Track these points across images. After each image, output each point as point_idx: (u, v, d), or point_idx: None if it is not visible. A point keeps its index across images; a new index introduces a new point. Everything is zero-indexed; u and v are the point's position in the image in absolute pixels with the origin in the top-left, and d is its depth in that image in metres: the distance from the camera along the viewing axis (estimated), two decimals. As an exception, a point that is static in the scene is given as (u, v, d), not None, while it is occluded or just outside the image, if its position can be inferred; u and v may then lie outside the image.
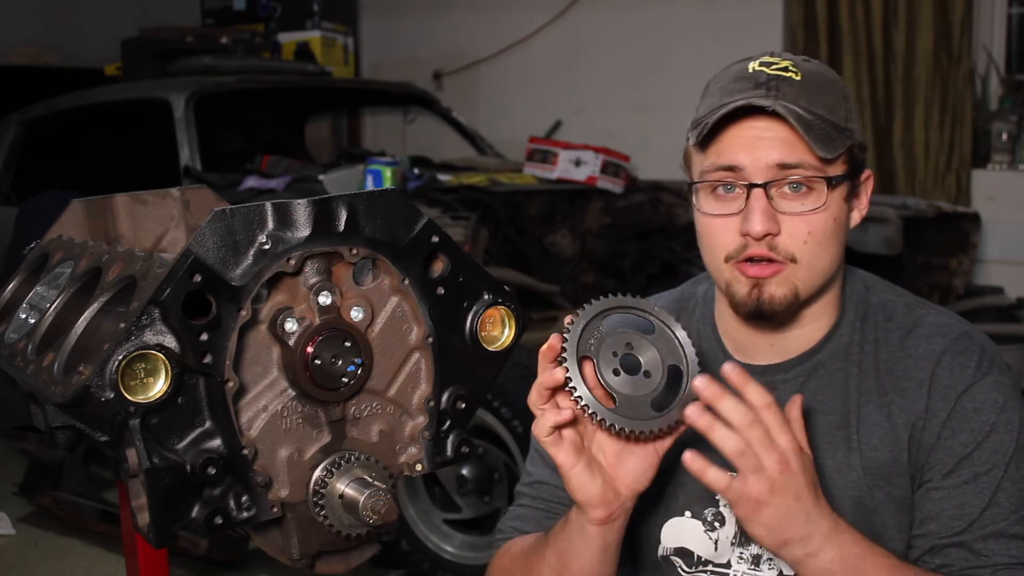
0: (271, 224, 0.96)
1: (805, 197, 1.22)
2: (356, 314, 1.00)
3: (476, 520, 3.05)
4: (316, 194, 2.00)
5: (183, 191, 1.34)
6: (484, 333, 1.08)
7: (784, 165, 1.20)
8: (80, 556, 3.37)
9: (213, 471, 0.92)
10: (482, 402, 1.12)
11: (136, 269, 1.02)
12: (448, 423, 1.07)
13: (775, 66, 1.23)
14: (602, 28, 5.50)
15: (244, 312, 0.94)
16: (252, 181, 3.53)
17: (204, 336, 0.92)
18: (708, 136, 1.23)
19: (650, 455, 1.15)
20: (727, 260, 1.25)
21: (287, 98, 4.74)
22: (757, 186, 1.21)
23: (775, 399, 1.26)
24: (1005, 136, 4.57)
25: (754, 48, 1.37)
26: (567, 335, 1.08)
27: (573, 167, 3.73)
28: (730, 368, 1.08)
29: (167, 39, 4.56)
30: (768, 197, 1.21)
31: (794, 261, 1.23)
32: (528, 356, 2.72)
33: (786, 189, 1.22)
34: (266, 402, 0.97)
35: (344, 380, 0.99)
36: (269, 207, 0.96)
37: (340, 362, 0.98)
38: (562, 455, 1.13)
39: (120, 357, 0.88)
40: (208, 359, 0.92)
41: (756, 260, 1.23)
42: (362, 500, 0.95)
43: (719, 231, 1.25)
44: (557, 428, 1.12)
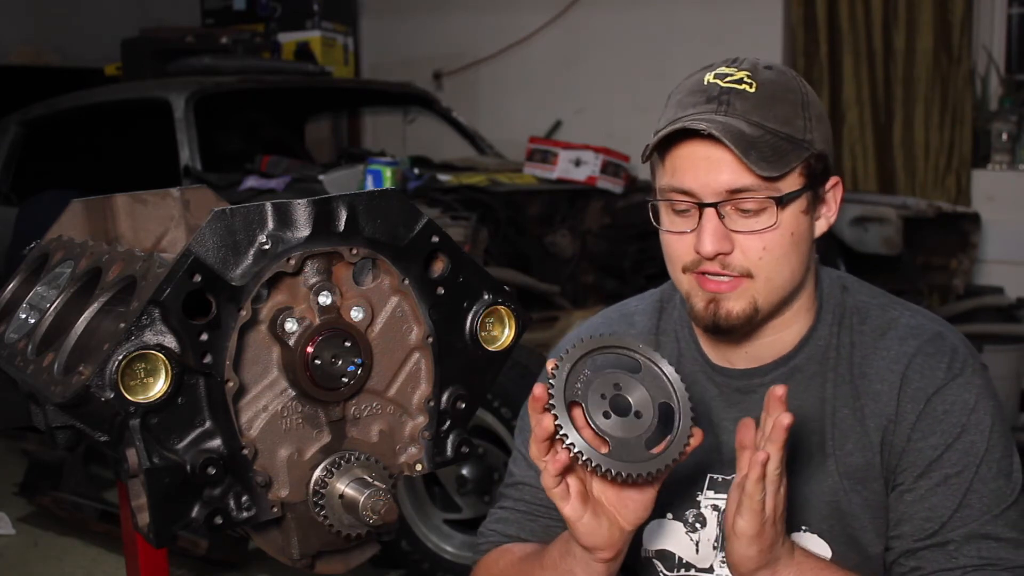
0: (271, 224, 0.96)
1: (757, 216, 1.22)
2: (356, 314, 1.00)
3: (476, 520, 3.05)
4: (316, 194, 2.00)
5: (183, 191, 1.33)
6: (484, 333, 1.08)
7: (733, 190, 1.20)
8: (80, 556, 3.37)
9: (213, 471, 0.92)
10: (482, 402, 1.12)
11: (136, 269, 1.02)
12: (448, 423, 1.07)
13: (730, 78, 1.23)
14: (602, 28, 5.50)
15: (244, 312, 0.94)
16: (252, 181, 3.52)
17: (204, 336, 0.92)
18: (660, 153, 1.25)
19: (650, 489, 1.14)
20: (685, 271, 1.26)
21: (287, 98, 4.74)
22: (708, 205, 1.21)
23: (751, 403, 1.29)
24: (1005, 136, 4.57)
25: (754, 48, 1.37)
26: (552, 382, 1.06)
27: (573, 167, 3.73)
28: (780, 391, 1.11)
29: (167, 39, 4.56)
30: (720, 216, 1.21)
31: (750, 276, 1.23)
32: (528, 356, 2.75)
33: (733, 209, 1.22)
34: (266, 402, 0.97)
35: (344, 380, 0.99)
36: (269, 207, 0.96)
37: (340, 362, 0.98)
38: (569, 508, 1.11)
39: (120, 357, 0.88)
40: (208, 359, 0.92)
41: (712, 275, 1.24)
42: (362, 500, 0.95)
43: (677, 246, 1.26)
44: (561, 475, 1.10)
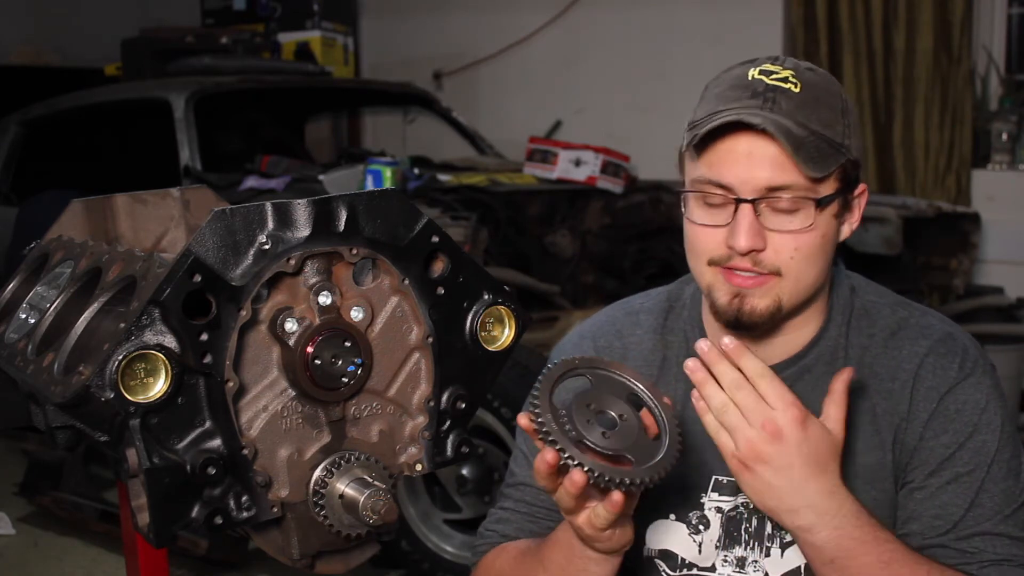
0: (271, 224, 0.96)
1: (793, 216, 1.21)
2: (356, 314, 1.00)
3: (476, 520, 3.05)
4: (316, 194, 2.00)
5: (183, 191, 1.33)
6: (484, 333, 1.08)
7: (773, 188, 1.19)
8: (80, 556, 3.37)
9: (213, 471, 0.92)
10: (482, 402, 1.12)
11: (136, 269, 1.02)
12: (448, 423, 1.07)
13: (775, 75, 1.22)
14: (602, 28, 5.50)
15: (244, 312, 0.94)
16: (252, 181, 3.52)
17: (204, 336, 0.92)
18: (699, 145, 1.23)
19: None
20: (710, 263, 1.24)
21: (287, 98, 4.74)
22: (745, 201, 1.20)
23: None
24: (1005, 136, 4.57)
25: (754, 48, 1.37)
26: (540, 418, 1.03)
27: (573, 167, 3.73)
28: (728, 341, 1.11)
29: (167, 39, 4.56)
30: (756, 213, 1.20)
31: (779, 274, 1.22)
32: (528, 356, 2.75)
33: (775, 206, 1.21)
34: (266, 402, 0.97)
35: (344, 380, 0.99)
36: (269, 207, 0.96)
37: (340, 362, 0.98)
38: (592, 528, 1.10)
39: (120, 357, 0.88)
40: (208, 359, 0.92)
41: (741, 271, 1.23)
42: (362, 500, 0.95)
43: (706, 238, 1.24)
44: (578, 497, 1.07)
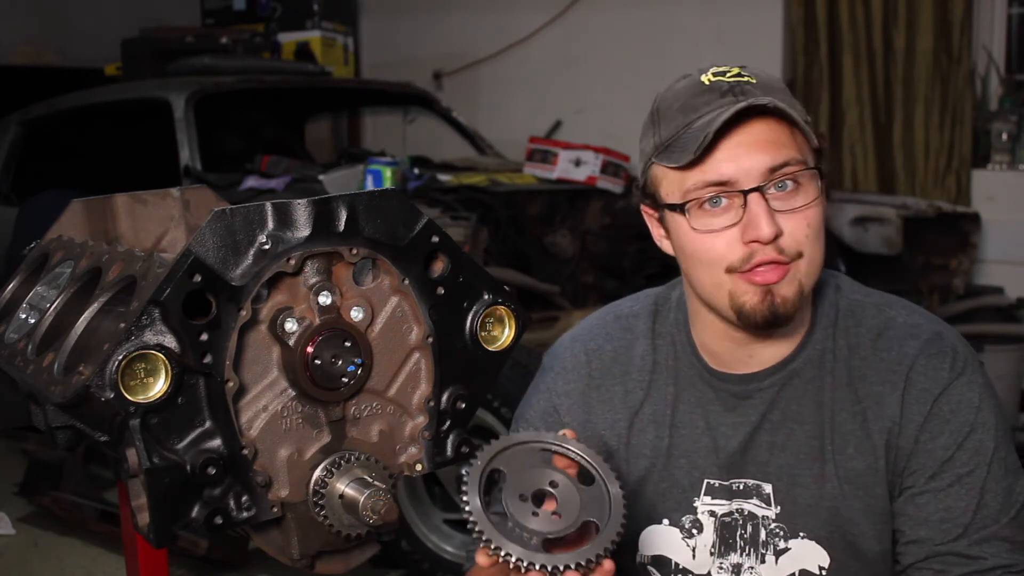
0: (271, 224, 0.96)
1: (796, 193, 1.20)
2: (356, 314, 1.00)
3: (476, 520, 3.05)
4: (316, 194, 2.00)
5: (183, 191, 1.33)
6: (484, 333, 1.08)
7: (774, 168, 1.19)
8: (80, 556, 3.37)
9: (213, 471, 0.92)
10: (482, 402, 1.12)
11: (136, 269, 1.02)
12: (448, 423, 1.07)
13: (729, 74, 1.22)
14: (602, 28, 5.50)
15: (244, 312, 0.94)
16: (252, 181, 3.52)
17: (204, 336, 0.92)
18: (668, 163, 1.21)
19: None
20: (729, 271, 1.21)
21: (287, 98, 4.74)
22: (753, 191, 1.18)
23: (748, 408, 1.27)
24: (1005, 136, 4.57)
25: (754, 48, 1.37)
26: (472, 517, 0.95)
27: (573, 167, 3.73)
28: None
29: (167, 39, 4.56)
30: (765, 199, 1.20)
31: (800, 256, 1.21)
32: (528, 356, 2.75)
33: (773, 190, 1.20)
34: (266, 402, 0.97)
35: (344, 380, 0.99)
36: (269, 207, 0.96)
37: (340, 362, 0.98)
38: None
39: (120, 357, 0.88)
40: (208, 359, 0.92)
41: (763, 265, 1.20)
42: (362, 500, 0.95)
43: (717, 245, 1.21)
44: None
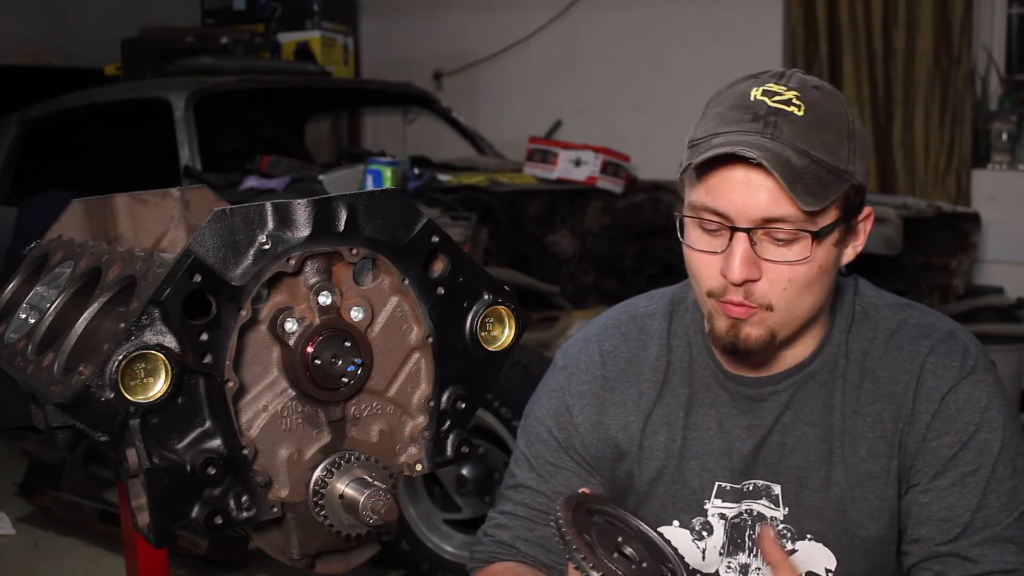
0: (271, 224, 0.96)
1: (790, 247, 1.18)
2: (356, 314, 1.00)
3: (476, 520, 3.05)
4: (316, 194, 2.00)
5: (183, 191, 1.34)
6: (484, 333, 1.08)
7: (769, 219, 1.17)
8: (80, 556, 3.37)
9: (213, 471, 0.92)
10: (482, 402, 1.12)
11: (136, 269, 1.02)
12: (448, 423, 1.07)
13: (778, 97, 1.18)
14: (602, 28, 5.50)
15: (244, 312, 0.94)
16: (252, 181, 3.52)
17: (204, 336, 0.92)
18: (698, 169, 1.21)
19: None
20: (710, 295, 1.24)
21: (287, 98, 4.74)
22: (741, 230, 1.18)
23: (763, 411, 1.27)
24: (1005, 136, 4.57)
25: (754, 48, 1.36)
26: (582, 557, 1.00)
27: (573, 167, 3.73)
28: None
29: (167, 39, 4.57)
30: (752, 243, 1.18)
31: (770, 309, 1.21)
32: (528, 356, 2.75)
33: (765, 238, 1.19)
34: (266, 402, 0.97)
35: (344, 380, 0.99)
36: (269, 207, 0.96)
37: (340, 362, 0.98)
38: None
39: (120, 357, 0.88)
40: (208, 359, 0.92)
41: (733, 303, 1.21)
42: (362, 500, 0.95)
43: (703, 267, 1.23)
44: None
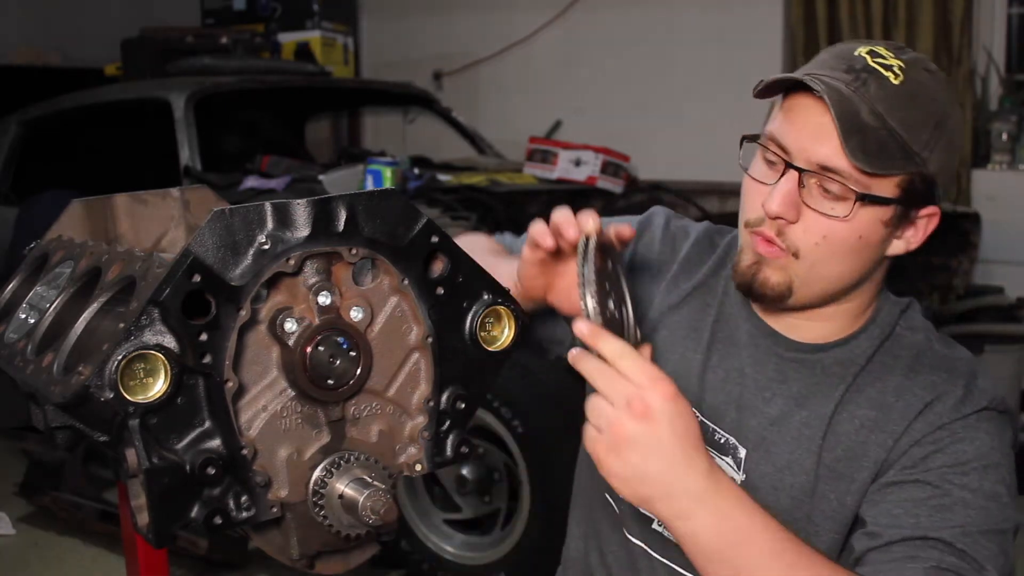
0: (271, 224, 0.96)
1: (836, 201, 1.17)
2: (356, 314, 1.00)
3: (476, 520, 3.06)
4: (316, 194, 2.00)
5: (183, 191, 1.33)
6: (484, 333, 1.08)
7: (826, 167, 1.16)
8: (80, 556, 3.37)
9: (213, 471, 0.92)
10: (482, 402, 1.12)
11: (136, 269, 1.02)
12: (448, 423, 1.07)
13: (880, 60, 1.17)
14: (602, 28, 5.50)
15: (244, 312, 0.94)
16: (252, 181, 3.53)
17: (203, 336, 0.92)
18: (773, 92, 1.22)
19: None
20: (747, 225, 1.24)
21: (287, 98, 4.75)
22: (795, 168, 1.18)
23: (765, 363, 1.30)
24: (1005, 136, 4.57)
25: (754, 48, 1.37)
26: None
27: (573, 167, 3.74)
28: (583, 326, 1.02)
29: (167, 39, 4.57)
30: (801, 185, 1.18)
31: (796, 256, 1.20)
32: (528, 356, 2.75)
33: (816, 184, 1.18)
34: (265, 402, 0.97)
35: (343, 380, 0.98)
36: (269, 207, 0.96)
37: (339, 362, 0.98)
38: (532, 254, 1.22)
39: (119, 357, 0.88)
40: (207, 359, 0.92)
41: (765, 237, 1.21)
42: (362, 500, 0.95)
43: (751, 195, 1.24)
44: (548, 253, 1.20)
